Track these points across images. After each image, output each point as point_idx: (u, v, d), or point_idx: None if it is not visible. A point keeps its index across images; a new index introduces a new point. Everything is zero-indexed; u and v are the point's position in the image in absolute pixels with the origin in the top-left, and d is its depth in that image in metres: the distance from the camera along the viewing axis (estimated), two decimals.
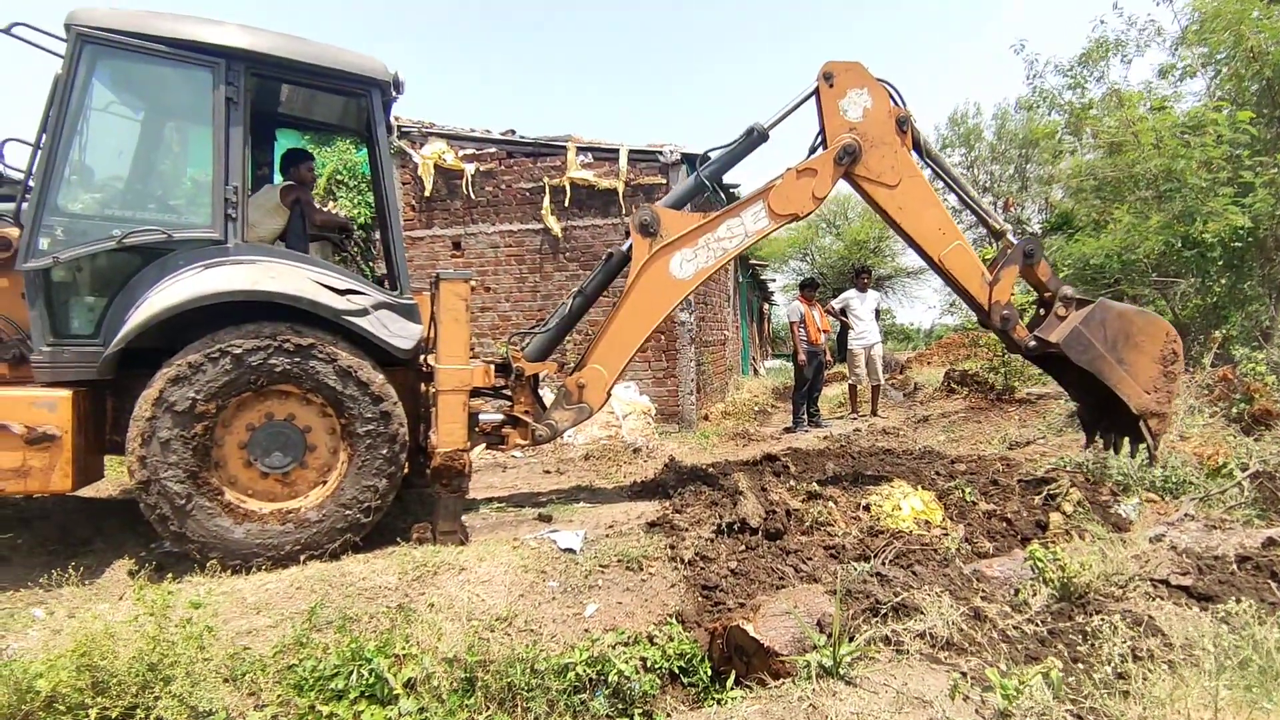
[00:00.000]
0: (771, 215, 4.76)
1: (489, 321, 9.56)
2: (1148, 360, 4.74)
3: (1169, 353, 4.74)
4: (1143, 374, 4.75)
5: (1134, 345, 4.74)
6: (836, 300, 10.15)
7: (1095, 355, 4.73)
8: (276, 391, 3.78)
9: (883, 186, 4.77)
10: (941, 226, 4.86)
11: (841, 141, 4.70)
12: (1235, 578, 3.30)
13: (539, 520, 4.71)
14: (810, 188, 4.74)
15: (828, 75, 4.70)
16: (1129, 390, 4.75)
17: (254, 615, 3.21)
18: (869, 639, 2.67)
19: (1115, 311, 4.80)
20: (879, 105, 4.74)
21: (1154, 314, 4.94)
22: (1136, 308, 5.02)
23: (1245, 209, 6.90)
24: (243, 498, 3.79)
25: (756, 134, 4.81)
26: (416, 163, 9.43)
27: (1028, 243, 4.90)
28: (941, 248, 4.84)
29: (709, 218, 4.75)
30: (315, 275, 3.98)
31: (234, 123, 3.81)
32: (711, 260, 4.74)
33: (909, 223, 4.84)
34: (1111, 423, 5.11)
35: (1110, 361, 4.73)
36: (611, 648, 3.15)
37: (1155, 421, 4.80)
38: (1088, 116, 10.46)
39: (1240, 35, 7.40)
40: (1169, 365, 4.74)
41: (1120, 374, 4.75)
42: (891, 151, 4.75)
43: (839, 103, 4.72)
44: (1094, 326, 4.74)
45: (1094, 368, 4.76)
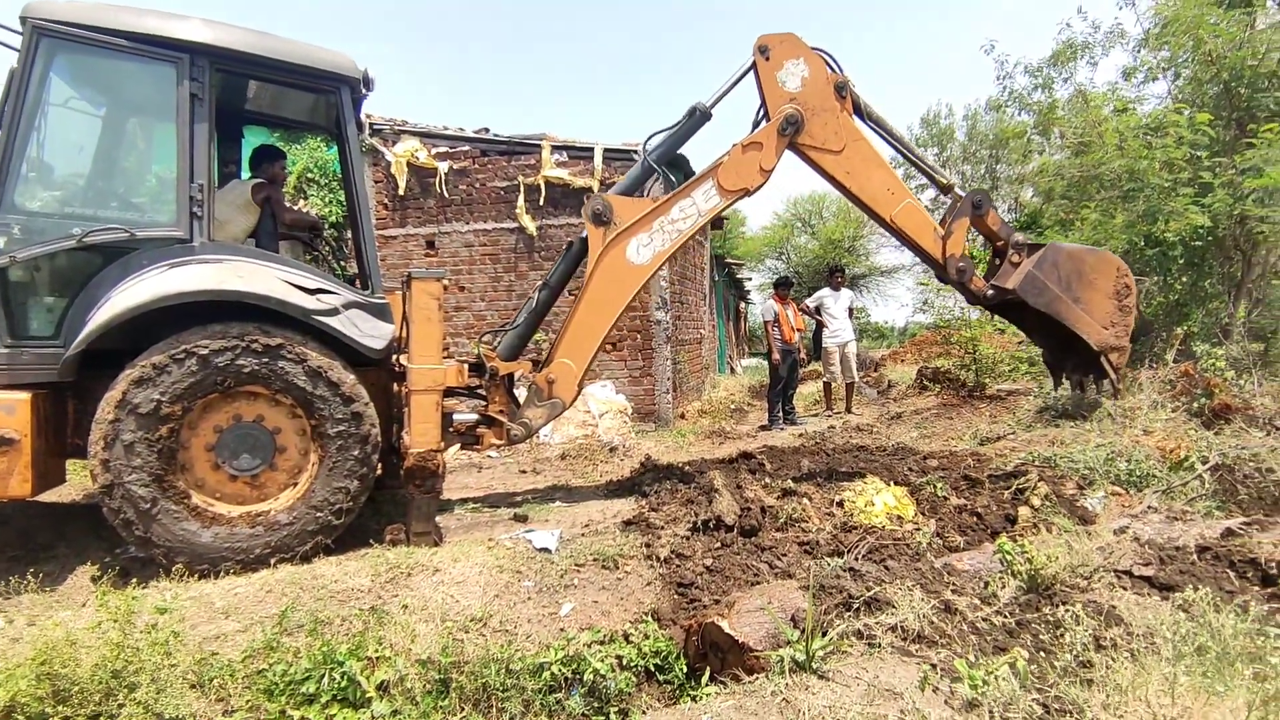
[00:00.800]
0: (722, 192, 4.79)
1: (464, 321, 9.50)
2: (1102, 296, 4.85)
3: (1121, 287, 4.86)
4: (1098, 310, 4.86)
5: (1087, 283, 4.84)
6: (811, 299, 10.24)
7: (1051, 297, 4.82)
8: (245, 393, 3.72)
9: (828, 153, 4.80)
10: (890, 186, 4.90)
11: (783, 112, 4.72)
12: (1195, 568, 3.39)
13: (514, 520, 4.69)
14: (757, 161, 4.77)
15: (763, 48, 4.73)
16: (1087, 328, 4.85)
17: (222, 620, 3.15)
18: (842, 633, 2.69)
19: (1066, 252, 4.90)
20: (816, 73, 4.77)
21: (1103, 250, 5.05)
22: (1086, 246, 5.12)
23: (1205, 209, 7.08)
24: (210, 501, 3.73)
25: (699, 113, 4.84)
26: (389, 161, 9.33)
27: (975, 194, 4.96)
28: (892, 207, 4.88)
29: (660, 201, 4.77)
30: (285, 274, 3.92)
31: (199, 119, 3.74)
32: (668, 243, 4.76)
33: (857, 186, 4.87)
34: (1075, 362, 5.23)
35: (1066, 301, 4.83)
36: (587, 646, 3.15)
37: (1115, 355, 4.93)
38: (1055, 117, 10.67)
39: (1199, 39, 7.59)
40: (1123, 299, 4.86)
41: (1077, 313, 4.85)
42: (833, 117, 4.78)
43: (777, 74, 4.75)
44: (1047, 269, 4.82)
45: (1051, 309, 4.84)
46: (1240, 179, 6.99)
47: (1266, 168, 6.74)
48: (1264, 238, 7.41)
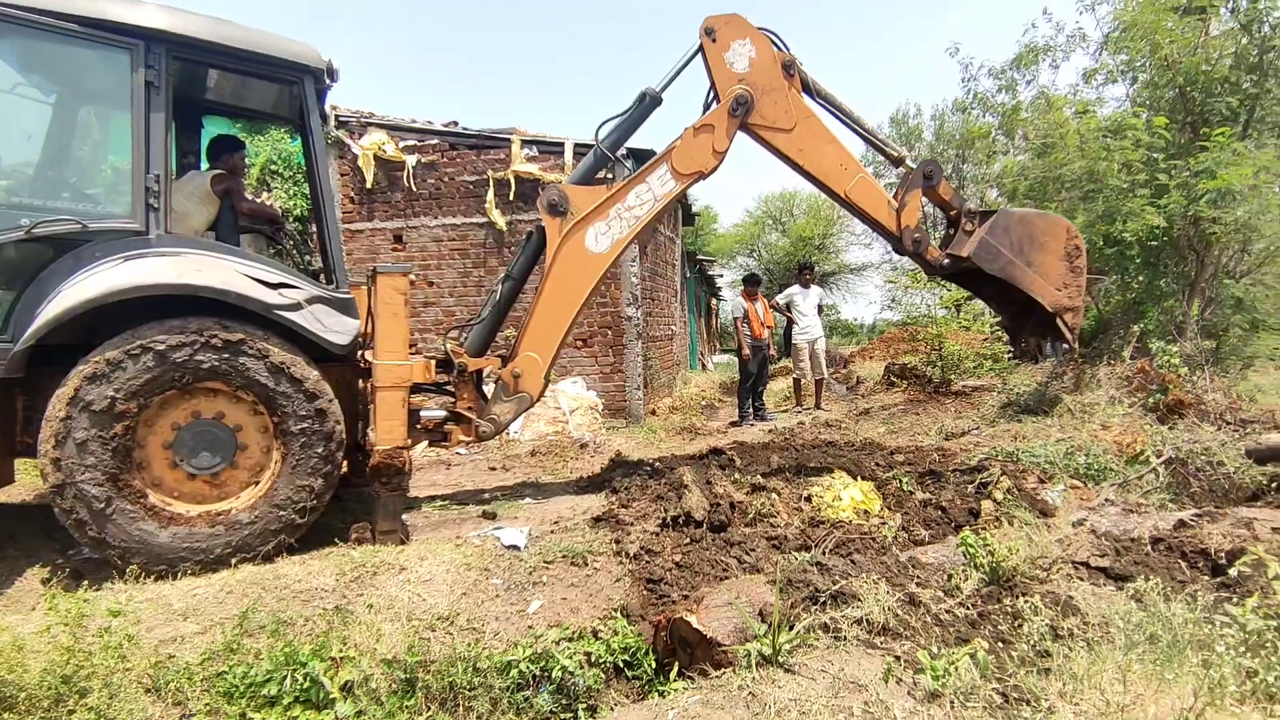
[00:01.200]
0: (677, 176, 4.78)
1: (432, 317, 9.39)
2: (1054, 259, 4.90)
3: (1072, 248, 4.92)
4: (1051, 273, 4.91)
5: (1039, 246, 4.89)
6: (781, 296, 10.31)
7: (1005, 262, 4.87)
8: (204, 389, 3.63)
9: (780, 132, 4.81)
10: (843, 162, 4.91)
11: (733, 93, 4.72)
12: (1149, 558, 3.49)
13: (483, 518, 4.65)
14: (710, 143, 4.77)
15: (709, 30, 4.73)
16: (1040, 290, 4.90)
17: (180, 622, 3.08)
18: (808, 626, 2.72)
19: (1017, 217, 4.96)
20: (763, 53, 4.78)
21: (1053, 214, 5.11)
22: (1036, 210, 5.19)
23: (1161, 210, 7.28)
24: (168, 500, 3.63)
25: (649, 99, 4.83)
26: (356, 153, 9.17)
27: (926, 165, 4.99)
28: (846, 183, 4.90)
29: (616, 188, 4.75)
30: (246, 269, 3.83)
31: (155, 108, 3.62)
32: (626, 230, 4.75)
33: (810, 163, 4.88)
34: (1032, 326, 5.26)
35: (1020, 265, 4.88)
36: (555, 644, 3.14)
37: (1069, 315, 4.98)
38: (1019, 119, 10.88)
39: (1156, 44, 7.80)
40: (1074, 260, 4.91)
41: (1031, 276, 4.90)
42: (782, 96, 4.78)
43: (724, 56, 4.75)
44: (1000, 234, 4.88)
45: (1006, 274, 4.90)
46: (1194, 181, 7.21)
47: (1219, 170, 6.96)
48: (1216, 238, 7.66)
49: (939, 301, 10.16)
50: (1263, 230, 7.42)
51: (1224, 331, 8.46)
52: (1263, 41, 7.49)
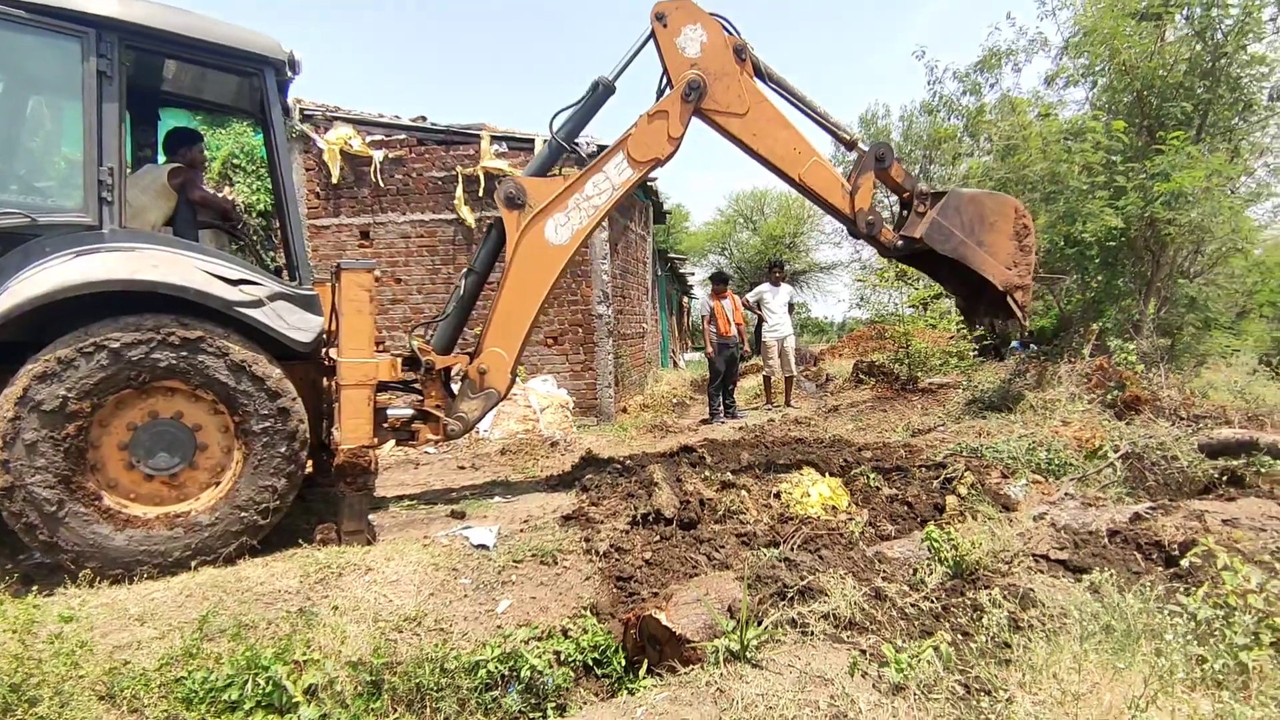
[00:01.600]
0: (633, 164, 4.77)
1: (400, 314, 9.27)
2: (1004, 238, 4.93)
3: (1020, 227, 4.96)
4: (1001, 252, 4.94)
5: (989, 226, 4.92)
6: (751, 294, 10.37)
7: (957, 242, 4.90)
8: (162, 388, 3.53)
9: (733, 116, 4.81)
10: (796, 146, 4.91)
11: (685, 78, 4.71)
12: (1106, 550, 3.58)
13: (451, 517, 4.61)
14: (665, 130, 4.75)
15: (660, 15, 4.72)
16: (991, 269, 4.94)
17: (137, 627, 2.99)
18: (776, 622, 2.74)
19: (967, 197, 4.98)
20: (715, 38, 4.77)
21: (1002, 194, 5.15)
22: (986, 190, 5.19)
23: (1119, 211, 7.47)
24: (124, 502, 3.53)
25: (602, 88, 4.81)
26: (321, 148, 9.01)
27: (878, 147, 5.00)
28: (799, 166, 4.90)
29: (573, 179, 4.73)
30: (205, 264, 3.73)
31: (108, 98, 3.51)
32: (586, 220, 4.72)
33: (764, 147, 4.87)
34: (985, 306, 5.31)
35: (971, 245, 4.91)
36: (524, 643, 3.13)
37: (1019, 294, 5.02)
38: (983, 120, 11.09)
39: (1115, 49, 7.99)
40: (1023, 239, 4.96)
41: (982, 255, 4.93)
42: (735, 81, 4.78)
43: (676, 41, 4.74)
44: (951, 215, 4.90)
45: (958, 254, 4.93)
46: (1150, 183, 7.41)
47: (1174, 173, 7.16)
48: (1171, 239, 7.88)
49: (906, 300, 10.31)
50: (1215, 232, 7.66)
51: (1178, 330, 8.72)
52: (1215, 48, 7.72)
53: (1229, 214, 7.51)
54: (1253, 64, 7.81)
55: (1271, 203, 9.34)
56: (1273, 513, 4.04)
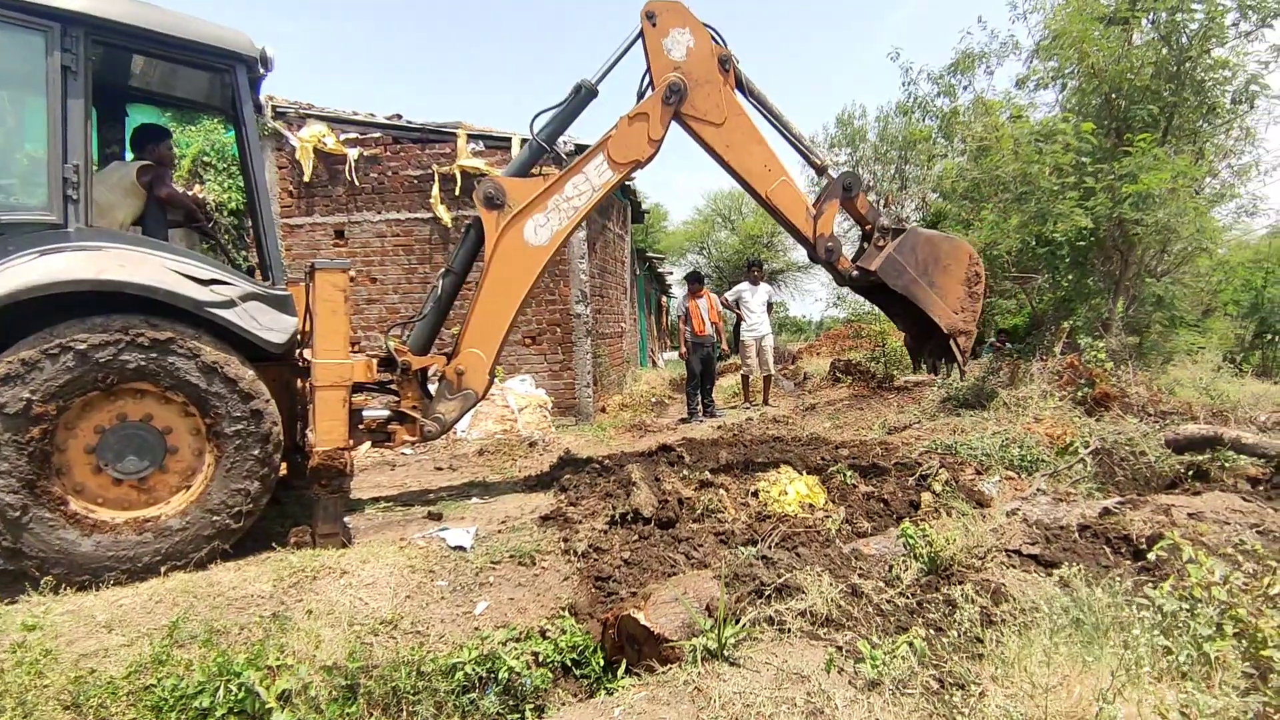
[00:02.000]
0: (614, 165, 4.76)
1: (376, 314, 9.18)
2: (955, 282, 5.00)
3: (972, 274, 5.03)
4: (951, 295, 5.00)
5: (942, 268, 4.99)
6: (730, 293, 10.40)
7: (909, 280, 4.96)
8: (130, 390, 3.46)
9: (710, 125, 4.80)
10: (767, 163, 4.91)
11: (667, 80, 4.70)
12: (1077, 545, 3.65)
13: (428, 518, 4.57)
14: (645, 132, 4.75)
15: (650, 14, 4.72)
16: (939, 311, 5.00)
17: (105, 634, 2.93)
18: (753, 620, 2.75)
19: (924, 237, 5.04)
20: (701, 44, 4.78)
21: (958, 238, 5.22)
22: (944, 234, 5.23)
23: (1088, 211, 7.61)
24: (92, 507, 3.45)
25: (585, 91, 4.81)
26: (294, 146, 8.89)
27: (846, 177, 5.03)
28: (768, 184, 4.91)
29: (553, 179, 4.72)
30: (175, 264, 3.67)
31: (73, 94, 3.43)
32: (565, 221, 4.71)
33: (736, 159, 4.88)
34: (931, 346, 5.37)
35: (922, 285, 4.98)
36: (502, 644, 3.11)
37: (963, 339, 5.08)
38: (957, 122, 11.23)
39: (1083, 53, 8.14)
40: (973, 286, 5.02)
41: (931, 296, 4.99)
42: (716, 90, 4.78)
43: (663, 42, 4.74)
44: (907, 253, 4.97)
45: (908, 291, 4.99)
46: (1118, 184, 7.55)
47: (1141, 175, 7.31)
48: (1139, 239, 8.05)
49: None
50: (1180, 232, 7.83)
51: (1146, 328, 8.91)
52: (1180, 53, 7.89)
53: (1194, 215, 7.69)
54: (1216, 68, 8.00)
55: (1235, 203, 9.57)
56: (1236, 506, 4.15)
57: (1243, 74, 7.98)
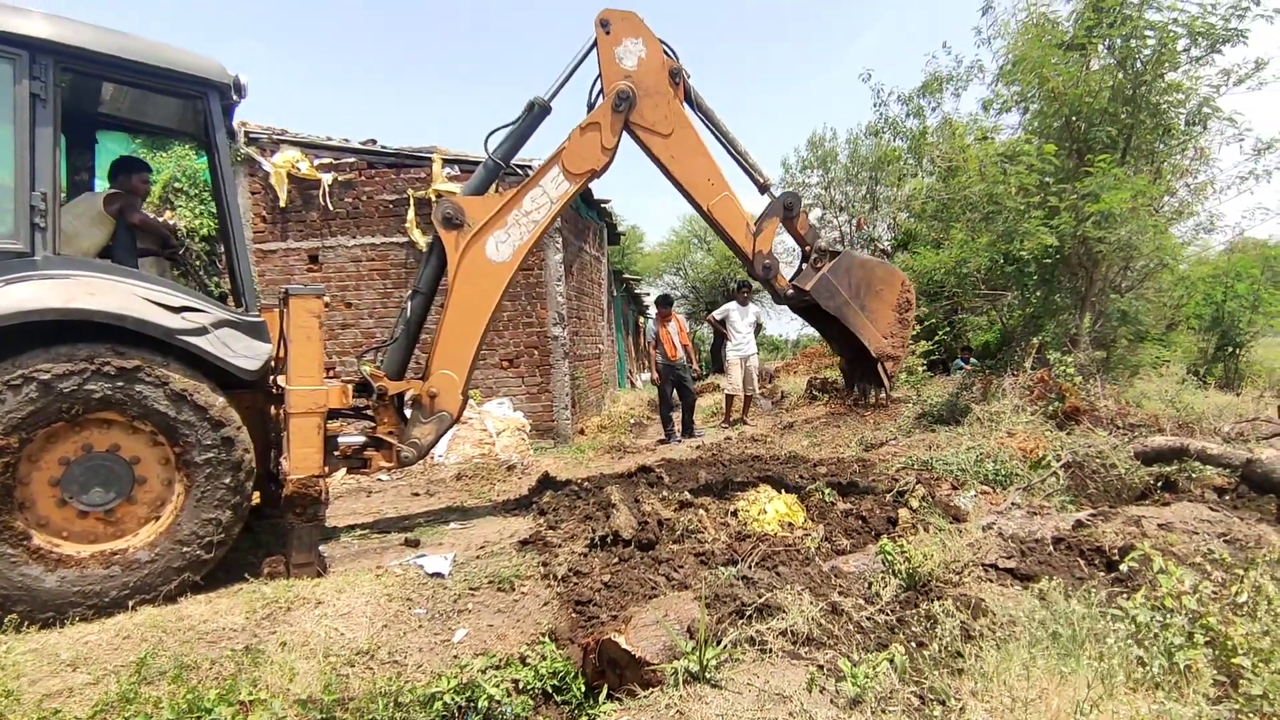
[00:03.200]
0: (570, 176, 4.78)
1: (351, 339, 9.09)
2: (886, 308, 4.99)
3: (904, 301, 5.01)
4: (881, 320, 4.99)
5: (875, 293, 4.98)
6: (718, 311, 10.42)
7: (841, 301, 4.95)
8: (96, 420, 3.39)
9: (657, 136, 4.82)
10: (710, 177, 4.92)
11: (616, 88, 4.72)
12: (1051, 558, 3.70)
13: (405, 545, 4.51)
14: (598, 141, 4.77)
15: (604, 22, 4.75)
16: (869, 334, 4.98)
17: (69, 673, 2.84)
18: (734, 641, 2.74)
19: (859, 261, 5.06)
20: (653, 55, 4.81)
21: (891, 264, 5.21)
22: (877, 259, 5.25)
23: (1053, 230, 7.80)
24: (56, 541, 3.36)
25: (539, 108, 4.84)
26: (267, 171, 8.84)
27: (787, 196, 5.05)
28: (710, 198, 4.91)
29: (510, 195, 4.73)
30: (145, 291, 3.62)
31: (41, 122, 3.40)
32: (526, 236, 4.72)
33: (680, 171, 4.89)
34: (863, 370, 5.34)
35: (854, 308, 4.96)
36: (481, 672, 3.06)
37: (890, 364, 5.05)
38: (926, 143, 11.48)
39: (1044, 77, 8.39)
40: (904, 312, 5.03)
41: (862, 319, 4.97)
42: (665, 101, 4.81)
43: (615, 50, 4.77)
44: (840, 275, 4.96)
45: (840, 313, 4.99)
46: (1081, 203, 7.76)
47: (1102, 194, 7.52)
48: (1103, 256, 8.25)
49: None
50: (1142, 249, 8.05)
51: (1112, 343, 9.11)
52: (1135, 77, 8.16)
53: (1154, 232, 7.91)
54: (1170, 91, 8.28)
55: (1193, 221, 9.87)
56: (1204, 516, 4.23)
57: (1195, 97, 8.28)
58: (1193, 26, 7.84)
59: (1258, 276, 12.12)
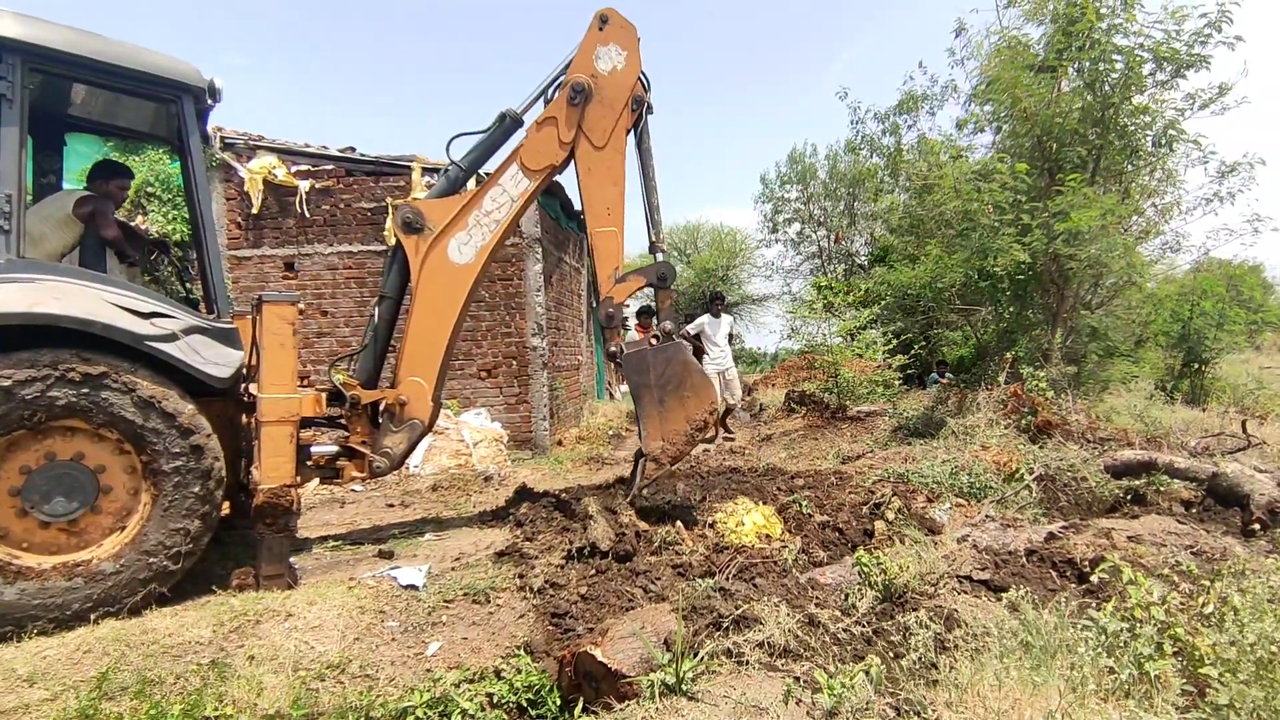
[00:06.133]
0: (529, 173, 4.73)
1: (326, 347, 8.98)
2: (681, 415, 4.71)
3: (702, 421, 4.74)
4: (670, 421, 4.71)
5: (679, 396, 4.72)
6: (691, 326, 10.42)
7: (642, 383, 4.72)
8: (60, 428, 3.31)
9: (588, 142, 4.73)
10: (610, 208, 4.80)
11: (574, 79, 4.66)
12: (1024, 569, 3.74)
13: (379, 557, 4.44)
14: (555, 135, 4.72)
15: (604, 19, 4.71)
16: (649, 429, 4.73)
17: (25, 689, 2.75)
18: (711, 653, 2.73)
19: (683, 360, 4.76)
20: (628, 71, 4.74)
21: (709, 383, 4.88)
22: (701, 368, 4.94)
23: (1025, 247, 7.95)
24: (15, 553, 3.26)
25: (510, 120, 4.80)
26: (243, 177, 8.73)
27: (663, 267, 4.91)
28: (599, 224, 4.81)
29: (470, 195, 4.68)
30: (112, 296, 3.54)
31: (7, 122, 3.32)
32: (488, 236, 4.67)
33: (588, 186, 4.79)
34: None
35: (652, 396, 4.72)
36: (455, 686, 3.02)
37: (651, 465, 4.77)
38: (902, 160, 11.66)
39: (1016, 98, 8.57)
40: (695, 430, 4.74)
41: (651, 411, 4.72)
42: (613, 116, 4.73)
43: (598, 48, 4.72)
44: (660, 360, 4.72)
45: (635, 393, 4.77)
46: (1052, 221, 7.92)
47: (1072, 212, 7.68)
48: (1073, 273, 8.42)
49: (834, 331, 10.63)
50: (1111, 266, 8.22)
51: (1083, 358, 9.27)
52: (1104, 99, 8.37)
53: (1123, 250, 8.08)
54: (1137, 114, 8.50)
55: (1160, 240, 10.11)
56: (1172, 528, 4.31)
57: (1161, 120, 8.51)
58: (1158, 51, 8.06)
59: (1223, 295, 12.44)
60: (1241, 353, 14.42)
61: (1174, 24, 8.02)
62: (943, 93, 10.96)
